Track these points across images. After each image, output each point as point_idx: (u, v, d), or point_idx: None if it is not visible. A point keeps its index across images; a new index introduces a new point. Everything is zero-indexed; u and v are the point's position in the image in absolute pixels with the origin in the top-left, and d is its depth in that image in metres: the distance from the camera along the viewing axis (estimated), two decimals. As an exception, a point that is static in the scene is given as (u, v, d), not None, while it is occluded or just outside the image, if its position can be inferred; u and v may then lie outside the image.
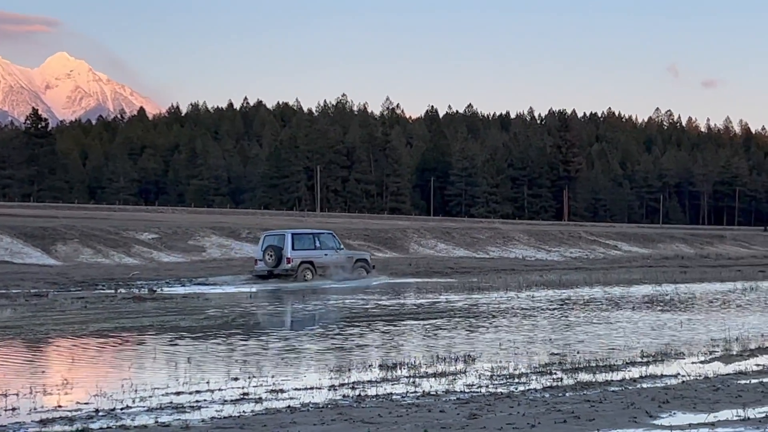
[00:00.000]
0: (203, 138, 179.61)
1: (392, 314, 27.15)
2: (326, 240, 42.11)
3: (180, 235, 51.19)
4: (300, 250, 40.38)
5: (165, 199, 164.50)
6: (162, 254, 46.73)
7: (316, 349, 19.47)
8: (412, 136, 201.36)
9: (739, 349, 19.12)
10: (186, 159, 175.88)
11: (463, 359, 17.47)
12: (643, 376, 15.56)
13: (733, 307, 29.90)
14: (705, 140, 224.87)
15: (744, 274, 49.70)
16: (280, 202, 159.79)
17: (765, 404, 12.91)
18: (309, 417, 12.03)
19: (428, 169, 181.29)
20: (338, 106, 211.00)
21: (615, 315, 26.71)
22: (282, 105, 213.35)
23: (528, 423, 11.54)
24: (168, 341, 20.53)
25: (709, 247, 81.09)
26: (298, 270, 39.76)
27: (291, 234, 41.24)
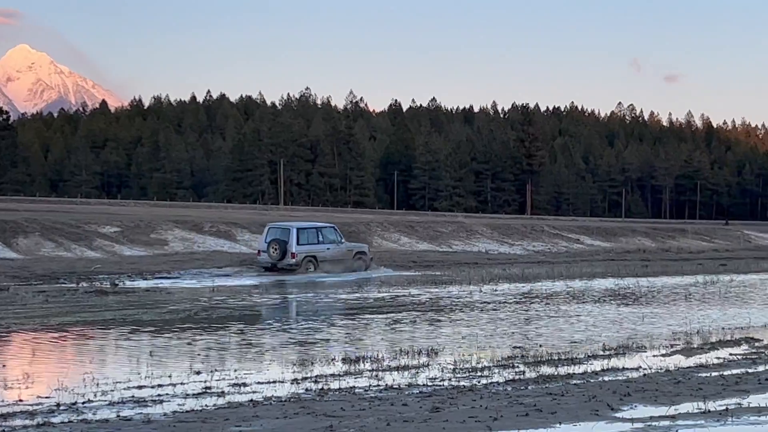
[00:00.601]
0: (166, 131, 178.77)
1: (355, 308, 27.15)
2: (328, 234, 42.52)
3: (142, 229, 50.88)
4: (304, 244, 40.83)
5: (127, 192, 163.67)
6: (124, 248, 46.43)
7: (279, 343, 19.45)
8: (375, 129, 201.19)
9: (700, 343, 19.26)
10: (148, 152, 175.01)
11: (426, 353, 17.49)
12: (605, 370, 15.63)
13: (694, 300, 30.07)
14: (667, 134, 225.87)
15: (705, 267, 49.99)
16: (244, 195, 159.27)
17: (725, 397, 13.00)
18: (271, 410, 12.02)
19: (392, 162, 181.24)
20: (302, 100, 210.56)
21: (577, 308, 26.81)
22: (245, 98, 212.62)
23: (490, 416, 11.57)
24: (130, 335, 20.44)
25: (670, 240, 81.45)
26: (302, 264, 40.37)
27: (296, 229, 41.47)
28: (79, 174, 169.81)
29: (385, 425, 11.06)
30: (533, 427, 11.02)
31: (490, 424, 11.16)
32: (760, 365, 16.11)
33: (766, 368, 15.74)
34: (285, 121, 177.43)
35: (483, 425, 11.09)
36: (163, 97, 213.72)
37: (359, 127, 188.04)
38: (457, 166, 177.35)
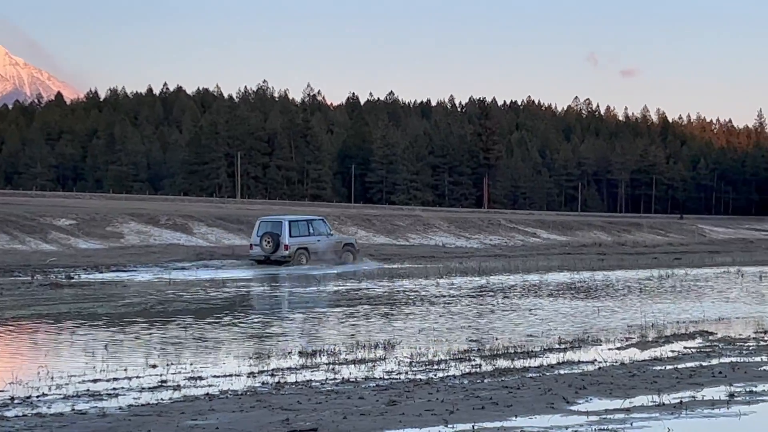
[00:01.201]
0: (122, 124, 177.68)
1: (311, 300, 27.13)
2: (318, 226, 43.26)
3: (98, 222, 50.62)
4: (296, 237, 41.50)
5: (83, 185, 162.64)
6: (80, 241, 46.19)
7: (236, 337, 19.40)
8: (333, 123, 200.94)
9: (655, 336, 19.38)
10: (104, 145, 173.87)
11: (383, 346, 17.50)
12: (561, 363, 15.70)
13: (649, 294, 30.26)
14: (623, 129, 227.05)
15: (660, 261, 50.31)
16: (200, 188, 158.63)
17: (680, 390, 13.10)
18: (227, 404, 11.99)
19: (349, 156, 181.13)
20: (259, 93, 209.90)
21: (533, 302, 26.91)
22: (202, 91, 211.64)
23: (446, 409, 11.60)
24: (85, 328, 20.32)
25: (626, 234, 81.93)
26: (295, 256, 41.05)
27: (288, 221, 42.13)
28: (34, 166, 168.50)
29: (342, 418, 11.06)
30: (489, 420, 11.06)
31: (446, 417, 11.19)
32: (714, 358, 16.24)
33: (720, 361, 15.87)
34: (242, 114, 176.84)
35: (439, 418, 11.12)
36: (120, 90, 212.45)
37: (317, 120, 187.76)
38: (415, 160, 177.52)
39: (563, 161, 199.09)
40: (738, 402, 12.39)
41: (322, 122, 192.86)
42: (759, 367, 15.34)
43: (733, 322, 22.37)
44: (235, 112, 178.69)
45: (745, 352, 17.10)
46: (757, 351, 17.18)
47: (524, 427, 10.81)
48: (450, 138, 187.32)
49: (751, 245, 76.44)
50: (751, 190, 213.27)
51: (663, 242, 76.97)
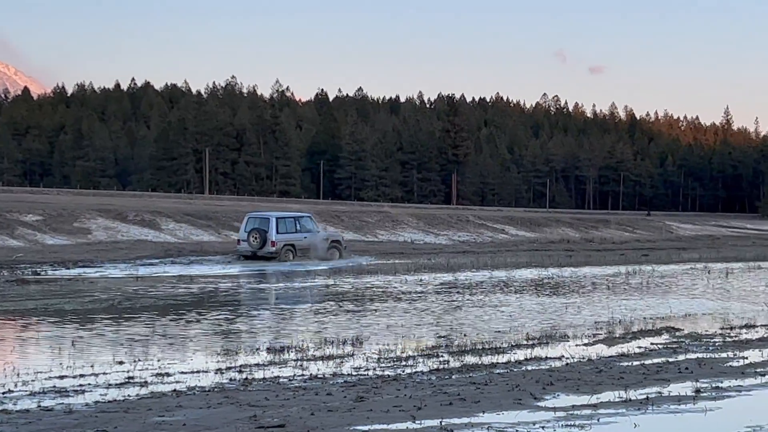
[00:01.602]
0: (89, 119, 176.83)
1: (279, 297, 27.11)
2: (305, 223, 43.62)
3: (65, 218, 50.33)
4: (283, 233, 41.90)
5: (50, 180, 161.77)
6: (47, 236, 45.90)
7: (204, 333, 19.35)
8: (302, 119, 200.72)
9: (622, 332, 19.46)
10: (72, 140, 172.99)
11: (351, 342, 17.51)
12: (528, 359, 15.75)
13: (616, 290, 30.38)
14: (591, 126, 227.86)
15: (627, 258, 50.51)
16: (168, 184, 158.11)
17: (646, 386, 13.16)
18: (195, 400, 11.97)
19: (318, 152, 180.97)
20: (227, 88, 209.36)
21: (501, 298, 26.96)
22: (170, 86, 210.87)
23: (414, 405, 11.62)
24: (52, 324, 20.22)
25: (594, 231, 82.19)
26: (281, 252, 41.40)
27: (275, 218, 42.40)
28: (1, 162, 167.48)
29: (309, 415, 11.06)
30: (457, 416, 11.08)
31: (414, 413, 11.20)
32: (680, 354, 16.32)
33: (687, 357, 15.95)
34: (210, 110, 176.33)
35: (407, 414, 11.13)
36: (87, 85, 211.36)
37: (285, 116, 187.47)
38: (384, 156, 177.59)
39: (531, 158, 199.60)
40: (704, 398, 12.46)
41: (291, 118, 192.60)
42: (725, 363, 15.44)
43: (700, 319, 22.50)
44: (204, 107, 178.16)
45: (711, 348, 17.20)
46: (723, 347, 17.28)
47: (492, 422, 10.84)
48: (419, 134, 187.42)
49: (717, 242, 76.83)
50: (718, 186, 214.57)
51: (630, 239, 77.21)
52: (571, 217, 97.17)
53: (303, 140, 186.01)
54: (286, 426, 10.49)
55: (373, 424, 10.68)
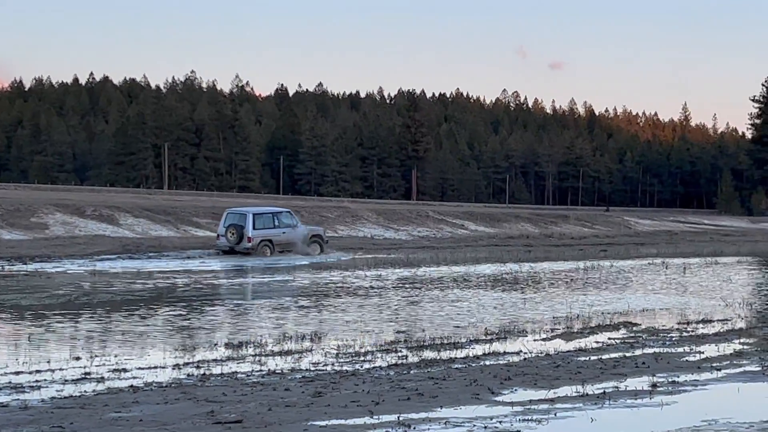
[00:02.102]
0: (47, 113, 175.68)
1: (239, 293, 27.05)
2: (284, 218, 43.97)
3: (22, 212, 49.98)
4: (260, 229, 42.28)
5: (7, 175, 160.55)
6: (3, 232, 45.57)
7: (162, 328, 19.27)
8: (261, 114, 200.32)
9: (580, 327, 19.54)
10: (29, 135, 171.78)
11: (310, 338, 17.49)
12: (487, 354, 15.78)
13: (575, 285, 30.50)
14: (550, 122, 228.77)
15: (586, 253, 50.72)
16: (127, 179, 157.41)
17: (603, 381, 13.23)
18: (152, 396, 11.92)
19: (278, 147, 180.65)
20: (186, 83, 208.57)
21: (460, 293, 27.01)
22: (129, 81, 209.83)
23: (372, 400, 11.62)
24: (8, 320, 20.08)
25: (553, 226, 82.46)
26: (258, 248, 41.77)
27: (252, 214, 42.90)
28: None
29: (267, 410, 11.04)
30: (414, 411, 11.09)
31: (372, 408, 11.20)
32: (637, 349, 16.41)
33: (644, 352, 16.04)
34: (169, 105, 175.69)
35: (365, 409, 11.13)
36: (45, 79, 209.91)
37: (245, 111, 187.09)
38: (344, 152, 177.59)
39: (491, 153, 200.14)
40: (660, 392, 12.54)
41: (251, 113, 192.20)
42: (681, 357, 15.53)
43: (657, 313, 22.62)
44: (163, 102, 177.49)
45: (668, 342, 17.30)
46: (680, 342, 17.39)
47: (449, 417, 10.85)
48: (379, 130, 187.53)
49: (675, 237, 77.29)
50: (676, 182, 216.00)
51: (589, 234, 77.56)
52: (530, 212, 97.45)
53: (263, 135, 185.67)
54: (243, 421, 10.47)
55: (331, 420, 10.67)
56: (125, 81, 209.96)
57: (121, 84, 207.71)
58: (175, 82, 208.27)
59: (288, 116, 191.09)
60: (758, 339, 17.86)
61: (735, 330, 19.14)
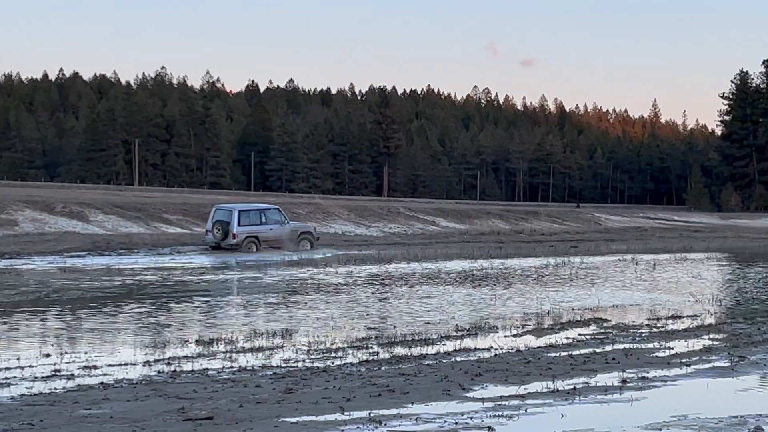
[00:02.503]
0: (17, 109, 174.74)
1: (210, 289, 26.99)
2: (272, 215, 44.26)
3: (-9, 209, 49.72)
4: (245, 225, 42.67)
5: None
6: (-28, 228, 45.32)
7: (133, 325, 19.21)
8: (232, 110, 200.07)
9: (550, 323, 19.60)
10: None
11: (281, 334, 17.47)
12: (457, 350, 15.81)
13: (545, 281, 30.58)
14: (521, 118, 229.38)
15: (556, 249, 50.86)
16: (97, 175, 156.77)
17: (573, 376, 13.28)
18: (122, 393, 11.88)
19: (249, 143, 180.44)
20: (157, 79, 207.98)
21: (432, 290, 27.04)
22: (99, 77, 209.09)
23: (343, 397, 11.63)
24: (-23, 318, 19.97)
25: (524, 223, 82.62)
26: (243, 244, 42.15)
27: (238, 211, 43.22)
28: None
29: (238, 407, 11.03)
30: (386, 408, 11.10)
31: (343, 404, 11.21)
32: (607, 345, 16.47)
33: (614, 348, 16.10)
34: (140, 101, 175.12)
35: (336, 406, 11.14)
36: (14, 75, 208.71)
37: (216, 107, 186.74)
38: (315, 148, 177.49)
39: (462, 150, 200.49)
40: (630, 388, 12.60)
41: (222, 109, 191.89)
42: (651, 353, 15.61)
43: (627, 309, 22.71)
44: (133, 98, 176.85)
45: (638, 338, 17.38)
46: (650, 337, 17.47)
47: (420, 414, 10.87)
48: (350, 126, 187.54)
49: (645, 233, 77.61)
50: (646, 179, 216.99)
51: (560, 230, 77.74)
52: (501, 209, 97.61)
53: (233, 132, 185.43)
54: (214, 418, 10.45)
55: (302, 416, 10.67)
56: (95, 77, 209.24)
57: (91, 80, 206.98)
58: (146, 78, 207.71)
59: (259, 112, 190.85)
60: (727, 335, 17.96)
61: (704, 326, 19.24)
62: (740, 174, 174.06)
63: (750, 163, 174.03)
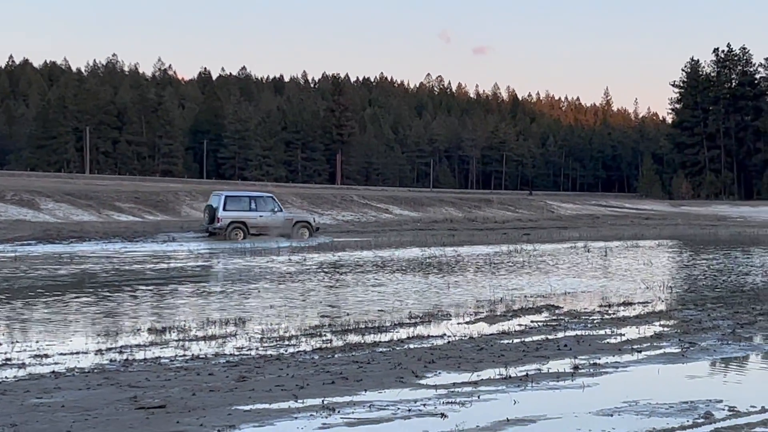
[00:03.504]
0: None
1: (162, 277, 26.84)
2: (264, 202, 44.29)
3: (-60, 197, 49.32)
4: (231, 211, 42.78)
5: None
6: None
7: (85, 313, 19.08)
8: (184, 97, 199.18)
9: (503, 310, 19.65)
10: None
11: (234, 322, 17.42)
12: (411, 337, 15.82)
13: (498, 269, 30.66)
14: (474, 106, 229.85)
15: (509, 237, 51.04)
16: (48, 163, 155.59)
17: (526, 363, 13.34)
18: (74, 382, 11.81)
19: (201, 131, 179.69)
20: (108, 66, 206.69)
21: (385, 277, 27.05)
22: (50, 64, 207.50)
23: (297, 384, 11.63)
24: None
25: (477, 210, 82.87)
26: (227, 229, 42.30)
27: (225, 196, 43.46)
28: None
29: (191, 395, 11.00)
30: (339, 395, 11.11)
31: (296, 392, 11.21)
32: (559, 332, 16.55)
33: (566, 335, 16.18)
34: (91, 88, 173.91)
35: (289, 394, 11.13)
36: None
37: (168, 95, 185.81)
38: (267, 136, 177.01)
39: (416, 138, 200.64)
40: (582, 374, 12.68)
41: (174, 97, 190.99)
42: (602, 339, 15.70)
43: (579, 296, 22.83)
44: (84, 86, 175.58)
45: (590, 325, 17.47)
46: (601, 324, 17.57)
47: (373, 401, 10.89)
48: (303, 114, 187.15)
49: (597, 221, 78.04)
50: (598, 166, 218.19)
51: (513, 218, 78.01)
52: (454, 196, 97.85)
53: (186, 119, 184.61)
54: (166, 407, 10.42)
55: (255, 404, 10.66)
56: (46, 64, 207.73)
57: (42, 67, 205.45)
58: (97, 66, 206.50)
59: (211, 100, 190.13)
60: (678, 321, 18.10)
61: (655, 312, 19.38)
62: (691, 161, 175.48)
63: (700, 151, 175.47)
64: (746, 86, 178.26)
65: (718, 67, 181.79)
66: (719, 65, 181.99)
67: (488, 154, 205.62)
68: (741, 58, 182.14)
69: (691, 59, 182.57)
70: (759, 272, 30.05)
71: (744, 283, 26.22)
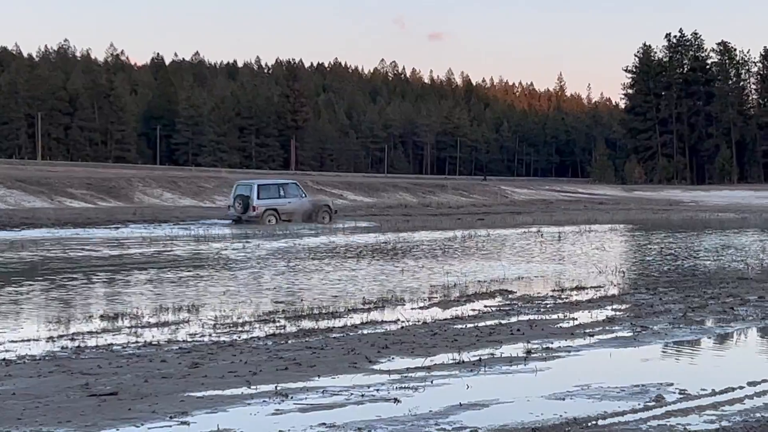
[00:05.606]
0: None
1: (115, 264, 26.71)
2: (291, 189, 47.21)
3: None
4: (265, 199, 45.43)
5: None
6: None
7: (36, 300, 18.95)
8: (137, 83, 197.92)
9: (457, 295, 19.69)
10: None
11: (187, 309, 17.36)
12: (365, 323, 15.83)
13: (452, 254, 30.74)
14: (428, 91, 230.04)
15: (463, 222, 51.19)
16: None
17: (479, 348, 13.38)
18: (25, 369, 11.74)
19: (154, 117, 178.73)
20: (60, 52, 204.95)
21: (338, 263, 27.06)
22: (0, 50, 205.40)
23: (250, 371, 11.61)
24: None
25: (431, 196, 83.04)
26: (263, 216, 44.82)
27: (257, 185, 46.25)
28: None
29: (143, 382, 10.95)
30: (292, 381, 11.10)
31: (249, 378, 11.19)
32: (513, 316, 16.61)
33: (519, 319, 16.25)
34: (42, 74, 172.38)
35: (242, 380, 11.12)
36: None
37: (120, 80, 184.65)
38: (221, 122, 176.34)
39: (370, 123, 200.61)
40: (535, 358, 12.73)
41: (126, 83, 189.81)
42: (555, 324, 15.78)
43: (533, 281, 22.93)
44: (35, 71, 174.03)
45: (543, 309, 17.55)
46: (554, 309, 17.65)
47: (327, 386, 10.89)
48: (257, 100, 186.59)
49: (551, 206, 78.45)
50: (552, 152, 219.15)
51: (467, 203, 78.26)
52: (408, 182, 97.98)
53: (139, 105, 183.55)
54: (118, 394, 10.37)
55: (208, 390, 10.63)
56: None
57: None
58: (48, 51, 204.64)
59: (164, 86, 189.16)
60: (630, 305, 18.21)
61: (608, 296, 19.49)
62: (643, 147, 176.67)
63: (653, 136, 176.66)
64: (698, 71, 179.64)
65: (671, 52, 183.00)
66: (671, 51, 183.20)
67: (443, 139, 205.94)
68: (693, 44, 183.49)
69: (644, 44, 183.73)
70: (710, 256, 30.30)
71: (695, 267, 26.43)
